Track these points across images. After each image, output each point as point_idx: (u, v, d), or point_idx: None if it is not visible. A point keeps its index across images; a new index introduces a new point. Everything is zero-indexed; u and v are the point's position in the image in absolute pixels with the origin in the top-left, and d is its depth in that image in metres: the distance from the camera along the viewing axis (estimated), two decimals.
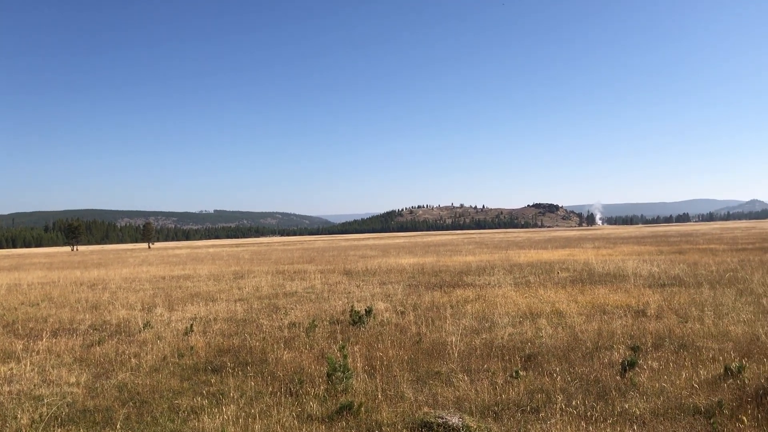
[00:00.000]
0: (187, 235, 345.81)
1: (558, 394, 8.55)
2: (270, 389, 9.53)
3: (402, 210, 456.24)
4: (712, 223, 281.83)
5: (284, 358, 11.63)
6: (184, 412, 8.66)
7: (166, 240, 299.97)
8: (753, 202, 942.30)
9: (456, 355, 11.27)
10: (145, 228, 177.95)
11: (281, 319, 16.46)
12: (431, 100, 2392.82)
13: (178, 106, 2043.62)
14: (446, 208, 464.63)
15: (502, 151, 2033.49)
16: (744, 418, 7.28)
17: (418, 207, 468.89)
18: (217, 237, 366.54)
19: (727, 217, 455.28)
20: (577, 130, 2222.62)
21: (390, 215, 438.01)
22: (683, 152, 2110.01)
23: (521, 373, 9.78)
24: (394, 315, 16.48)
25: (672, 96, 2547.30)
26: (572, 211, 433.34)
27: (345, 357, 9.70)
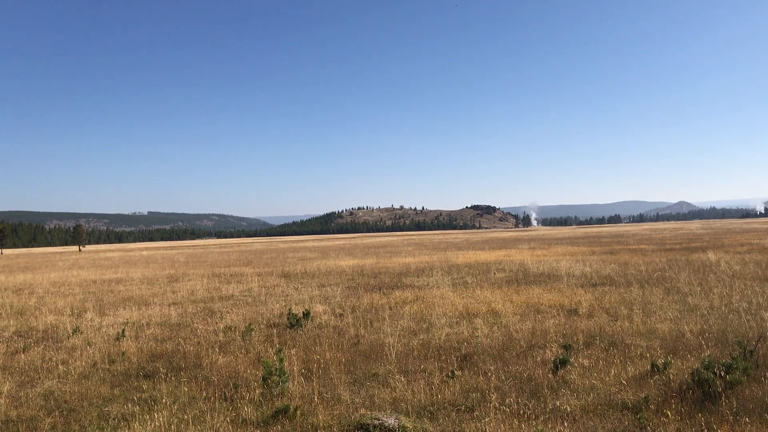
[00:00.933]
0: (119, 238, 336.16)
1: (492, 393, 8.68)
2: (204, 394, 9.35)
3: (342, 212, 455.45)
4: (642, 224, 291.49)
5: (219, 362, 11.43)
6: (114, 419, 8.40)
7: (98, 243, 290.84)
8: (681, 203, 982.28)
9: (393, 356, 11.30)
10: (75, 230, 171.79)
11: (217, 323, 16.18)
12: (371, 103, 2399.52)
13: (110, 103, 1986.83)
14: (386, 209, 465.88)
15: (442, 153, 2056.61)
16: (668, 412, 7.55)
17: (359, 209, 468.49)
18: (151, 239, 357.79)
19: (657, 218, 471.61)
20: (514, 133, 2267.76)
21: (330, 217, 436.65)
22: (615, 156, 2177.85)
23: (457, 372, 9.88)
24: (332, 317, 16.43)
25: (604, 101, 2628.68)
26: (509, 213, 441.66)
27: (281, 360, 9.60)
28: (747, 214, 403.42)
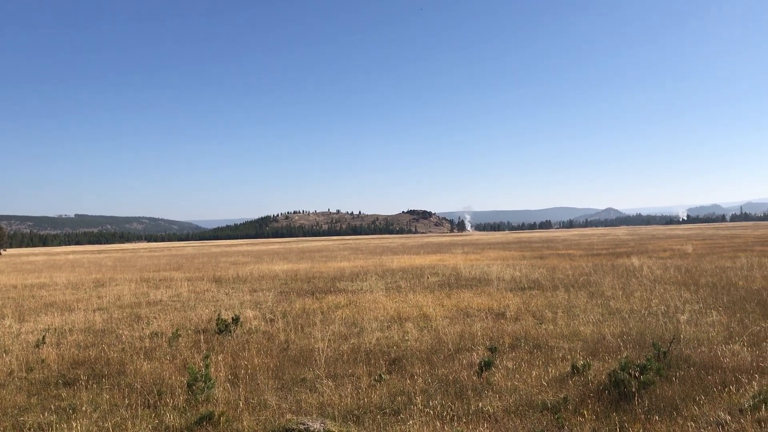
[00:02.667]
0: (44, 241, 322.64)
1: (418, 396, 8.80)
2: (126, 402, 9.13)
3: (277, 215, 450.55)
4: (571, 229, 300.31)
5: (144, 369, 11.18)
6: (29, 429, 8.11)
7: (20, 246, 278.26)
8: (608, 210, 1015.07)
9: (323, 361, 11.30)
10: None
11: (143, 329, 15.80)
12: (307, 105, 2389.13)
13: (33, 99, 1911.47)
14: (323, 213, 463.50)
15: (379, 157, 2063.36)
16: (585, 412, 7.84)
17: (294, 212, 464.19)
18: (78, 243, 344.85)
19: (585, 224, 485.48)
20: (450, 139, 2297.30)
21: (265, 221, 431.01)
22: (546, 163, 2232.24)
23: (385, 376, 9.97)
24: (262, 323, 16.28)
25: (534, 109, 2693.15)
26: (445, 218, 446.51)
27: (207, 366, 9.47)
28: (671, 220, 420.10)
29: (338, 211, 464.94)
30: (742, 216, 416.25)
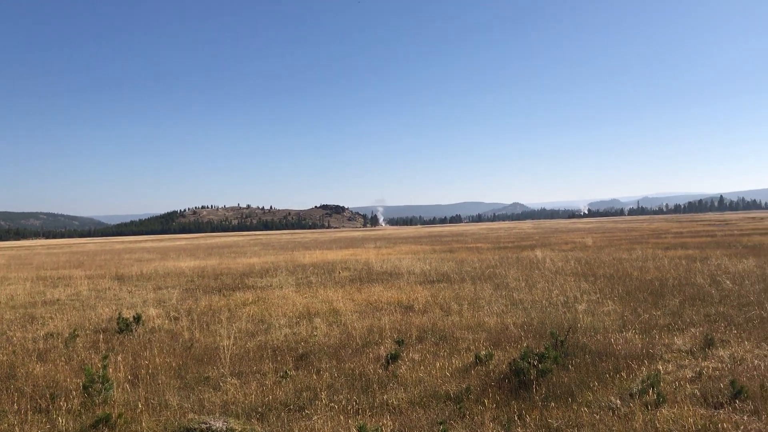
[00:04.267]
0: None
1: (324, 391, 8.79)
2: (16, 407, 8.63)
3: (185, 210, 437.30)
4: (480, 223, 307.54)
5: (36, 372, 10.61)
6: None
7: None
8: (515, 204, 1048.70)
9: (228, 359, 11.08)
10: None
11: (37, 330, 15.01)
12: (211, 98, 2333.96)
13: None
14: (232, 208, 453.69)
15: (290, 151, 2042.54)
16: (486, 400, 8.05)
17: (202, 207, 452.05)
18: None
19: (493, 218, 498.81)
20: (361, 133, 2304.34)
21: (171, 216, 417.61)
22: (455, 159, 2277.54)
23: (291, 372, 9.89)
24: (166, 321, 15.80)
25: (444, 107, 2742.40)
26: (358, 213, 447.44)
27: (105, 367, 9.09)
28: (573, 214, 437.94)
29: (249, 206, 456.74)
30: (639, 210, 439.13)
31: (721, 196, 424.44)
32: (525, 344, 10.91)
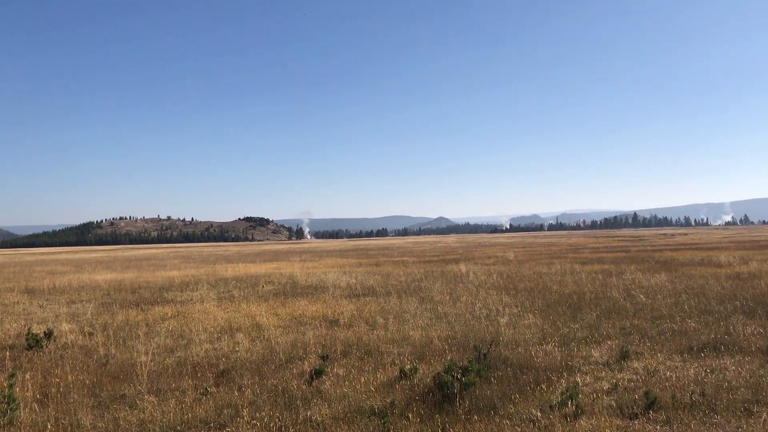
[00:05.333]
0: None
1: (246, 408, 8.58)
2: None
3: (101, 221, 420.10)
4: (406, 237, 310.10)
5: None
6: None
7: None
8: (440, 219, 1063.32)
9: (146, 375, 10.70)
10: None
11: None
12: (127, 104, 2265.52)
13: None
14: (152, 220, 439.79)
15: (212, 162, 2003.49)
16: (410, 415, 8.05)
17: (120, 218, 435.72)
18: None
19: (419, 232, 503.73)
20: (286, 145, 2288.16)
21: (87, 227, 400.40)
22: (381, 173, 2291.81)
23: (212, 389, 9.63)
24: (80, 336, 15.13)
25: (372, 120, 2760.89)
26: (283, 225, 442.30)
27: (12, 386, 8.59)
28: (495, 229, 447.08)
29: (169, 218, 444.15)
30: (558, 226, 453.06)
31: (635, 213, 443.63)
32: (449, 357, 11.00)
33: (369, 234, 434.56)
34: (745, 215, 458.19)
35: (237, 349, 12.96)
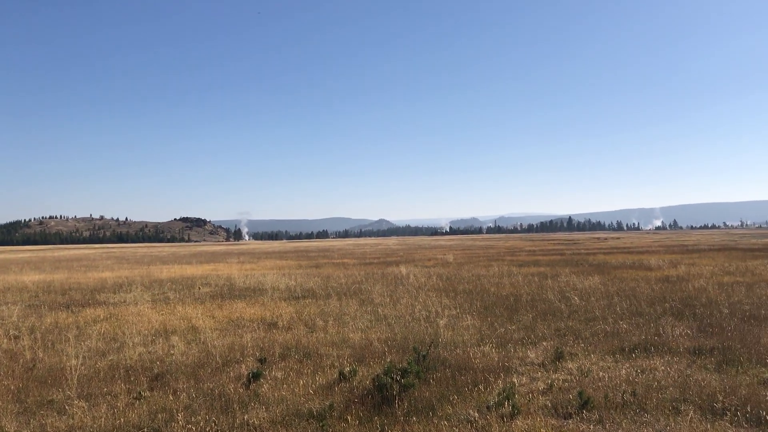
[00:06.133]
0: None
1: (181, 412, 8.38)
2: None
3: (30, 220, 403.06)
4: (347, 239, 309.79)
5: None
6: None
7: None
8: (381, 221, 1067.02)
9: (75, 380, 10.33)
10: None
11: None
12: (58, 98, 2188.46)
13: None
14: (84, 219, 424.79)
15: (146, 159, 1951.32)
16: (349, 417, 8.02)
17: (50, 217, 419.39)
18: None
19: (360, 234, 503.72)
20: (224, 145, 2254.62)
21: (14, 226, 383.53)
22: (322, 175, 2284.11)
23: (145, 393, 9.38)
24: (5, 340, 14.51)
25: (309, 121, 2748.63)
26: (221, 226, 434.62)
27: None
28: (436, 231, 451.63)
29: (102, 217, 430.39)
30: (496, 229, 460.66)
31: (570, 217, 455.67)
32: (389, 359, 11.03)
33: (309, 236, 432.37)
34: (674, 220, 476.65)
35: (172, 352, 12.66)
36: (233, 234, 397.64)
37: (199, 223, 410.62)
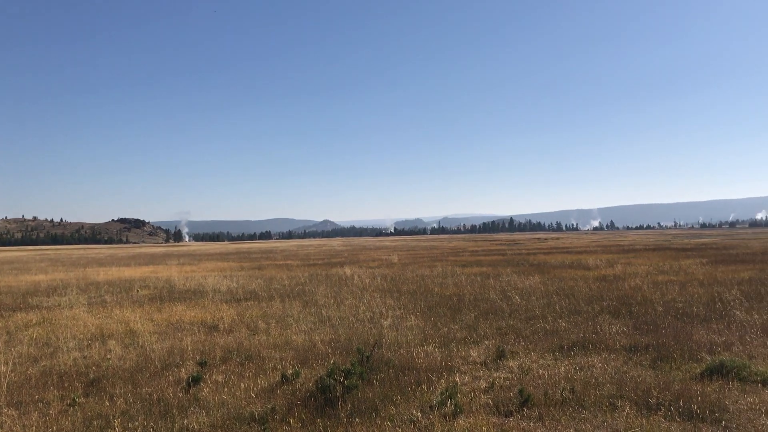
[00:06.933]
0: None
1: (117, 419, 8.14)
2: None
3: None
4: (290, 240, 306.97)
5: None
6: None
7: None
8: (325, 222, 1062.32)
9: (5, 387, 9.92)
10: None
11: None
12: None
13: None
14: (15, 220, 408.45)
15: (83, 159, 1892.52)
16: (292, 420, 7.94)
17: None
18: None
19: (304, 235, 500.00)
20: (163, 143, 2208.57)
21: None
22: (266, 175, 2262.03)
23: (80, 400, 9.08)
24: None
25: (246, 122, 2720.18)
26: (160, 227, 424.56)
27: None
28: (381, 232, 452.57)
29: (35, 218, 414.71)
30: (440, 229, 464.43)
31: (512, 218, 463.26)
32: (332, 361, 10.96)
33: (252, 237, 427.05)
34: (611, 221, 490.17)
35: (109, 356, 12.31)
36: (173, 235, 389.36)
37: (138, 224, 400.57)
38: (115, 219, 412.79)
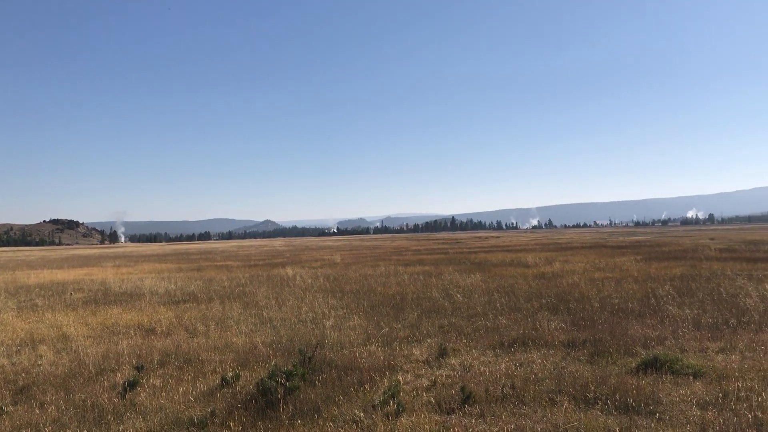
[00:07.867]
0: None
1: (48, 426, 7.85)
2: None
3: None
4: (231, 241, 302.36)
5: None
6: None
7: None
8: (267, 222, 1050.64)
9: None
10: None
11: None
12: None
13: None
14: None
15: (10, 155, 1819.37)
16: (232, 423, 7.80)
17: None
18: None
19: (245, 235, 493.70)
20: (97, 140, 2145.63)
21: None
22: (204, 174, 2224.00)
23: (8, 408, 8.71)
24: None
25: (190, 118, 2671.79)
26: (95, 228, 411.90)
27: None
28: (323, 232, 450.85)
29: None
30: (383, 229, 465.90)
31: (453, 217, 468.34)
32: (273, 363, 10.81)
33: (191, 238, 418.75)
34: (550, 219, 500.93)
35: (40, 362, 11.86)
36: (108, 236, 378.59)
37: (71, 225, 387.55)
38: (47, 220, 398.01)
